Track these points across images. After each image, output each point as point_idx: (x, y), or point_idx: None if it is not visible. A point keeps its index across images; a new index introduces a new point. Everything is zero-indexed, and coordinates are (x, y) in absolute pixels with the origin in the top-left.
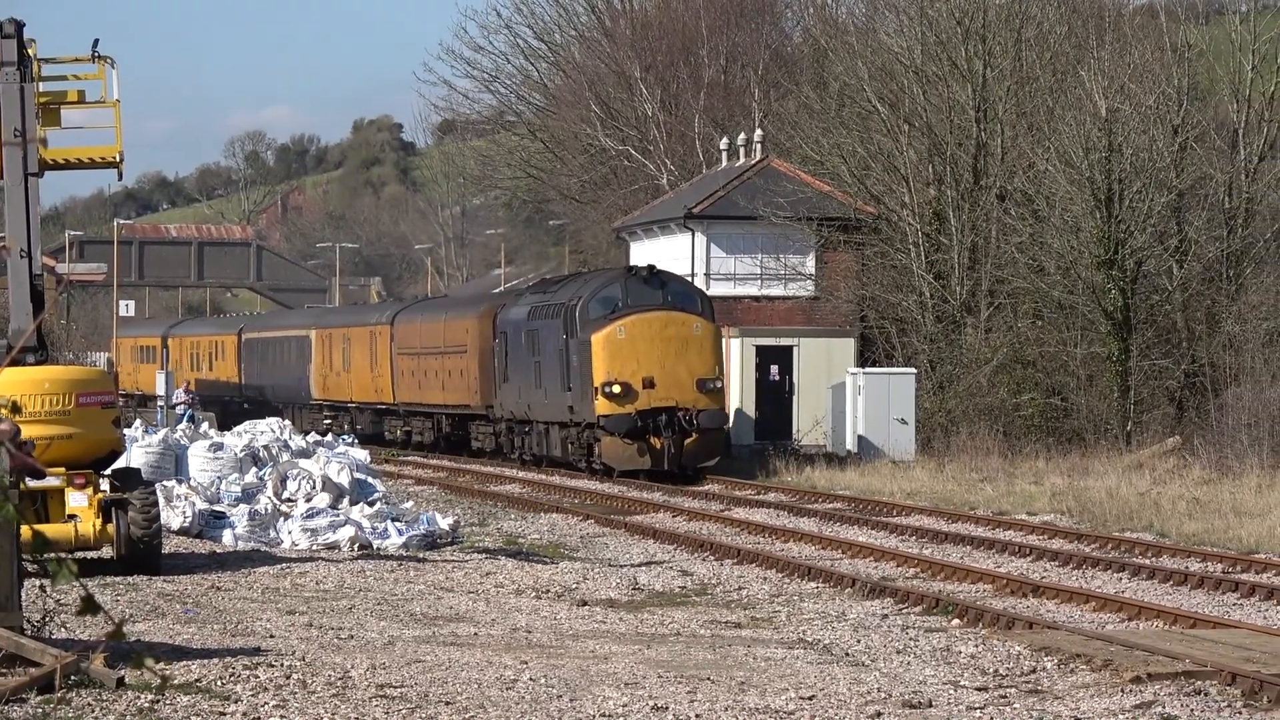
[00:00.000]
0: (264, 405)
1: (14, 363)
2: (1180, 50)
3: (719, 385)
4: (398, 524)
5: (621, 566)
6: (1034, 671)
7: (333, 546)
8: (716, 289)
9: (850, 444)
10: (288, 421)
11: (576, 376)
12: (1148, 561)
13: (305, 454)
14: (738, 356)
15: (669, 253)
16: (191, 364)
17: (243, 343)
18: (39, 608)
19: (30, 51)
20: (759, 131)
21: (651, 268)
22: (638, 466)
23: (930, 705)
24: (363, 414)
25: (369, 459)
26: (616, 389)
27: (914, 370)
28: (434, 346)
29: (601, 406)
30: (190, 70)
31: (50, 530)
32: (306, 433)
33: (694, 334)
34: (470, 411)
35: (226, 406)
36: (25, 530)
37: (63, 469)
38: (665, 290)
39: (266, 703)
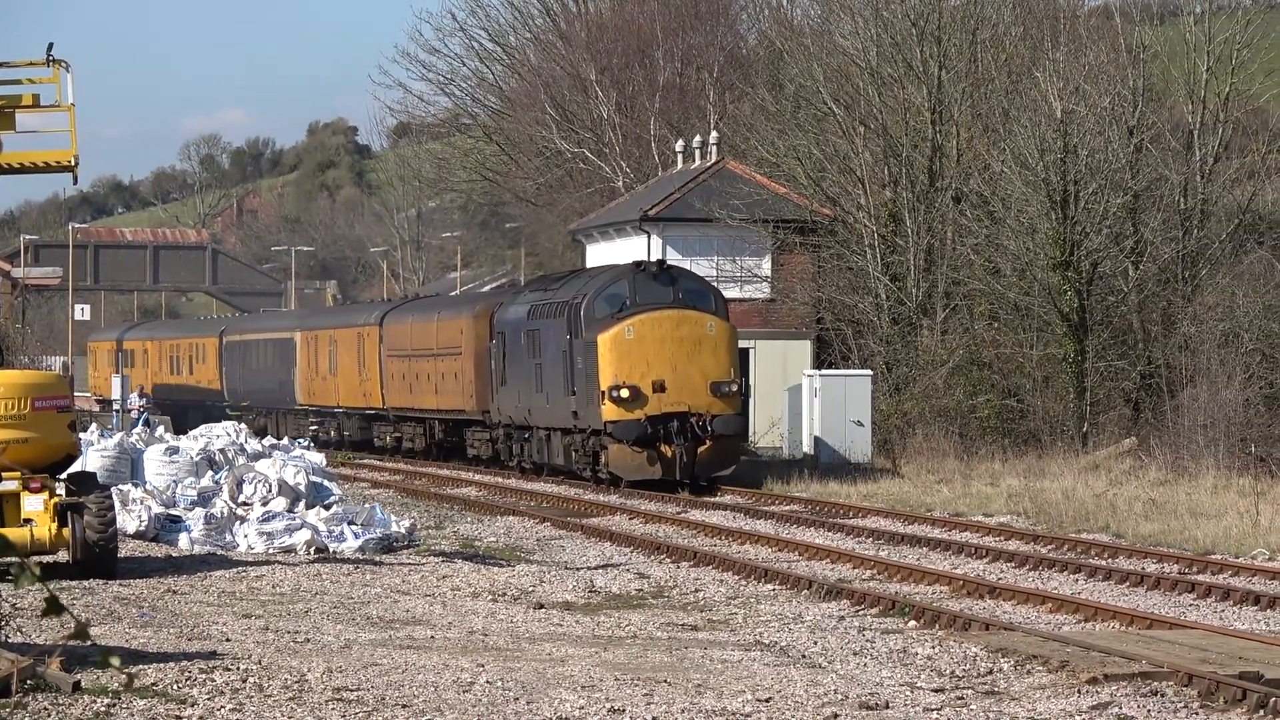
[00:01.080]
0: (247, 412)
1: None
2: (1135, 51)
3: (735, 389)
4: (354, 527)
5: (578, 569)
6: (990, 673)
7: (289, 550)
8: None
9: (807, 446)
10: (243, 425)
11: (581, 379)
12: (1104, 563)
13: (261, 457)
14: None
15: (625, 255)
16: (171, 368)
17: (224, 345)
18: None
19: None
20: (714, 134)
21: (662, 262)
22: (647, 476)
23: (887, 707)
24: (350, 419)
25: (325, 462)
26: (624, 393)
27: (870, 372)
28: (426, 348)
29: (608, 412)
30: (145, 74)
31: (6, 534)
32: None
33: (708, 334)
34: (465, 417)
35: (208, 413)
36: None
37: (18, 473)
38: (676, 287)
39: (223, 706)
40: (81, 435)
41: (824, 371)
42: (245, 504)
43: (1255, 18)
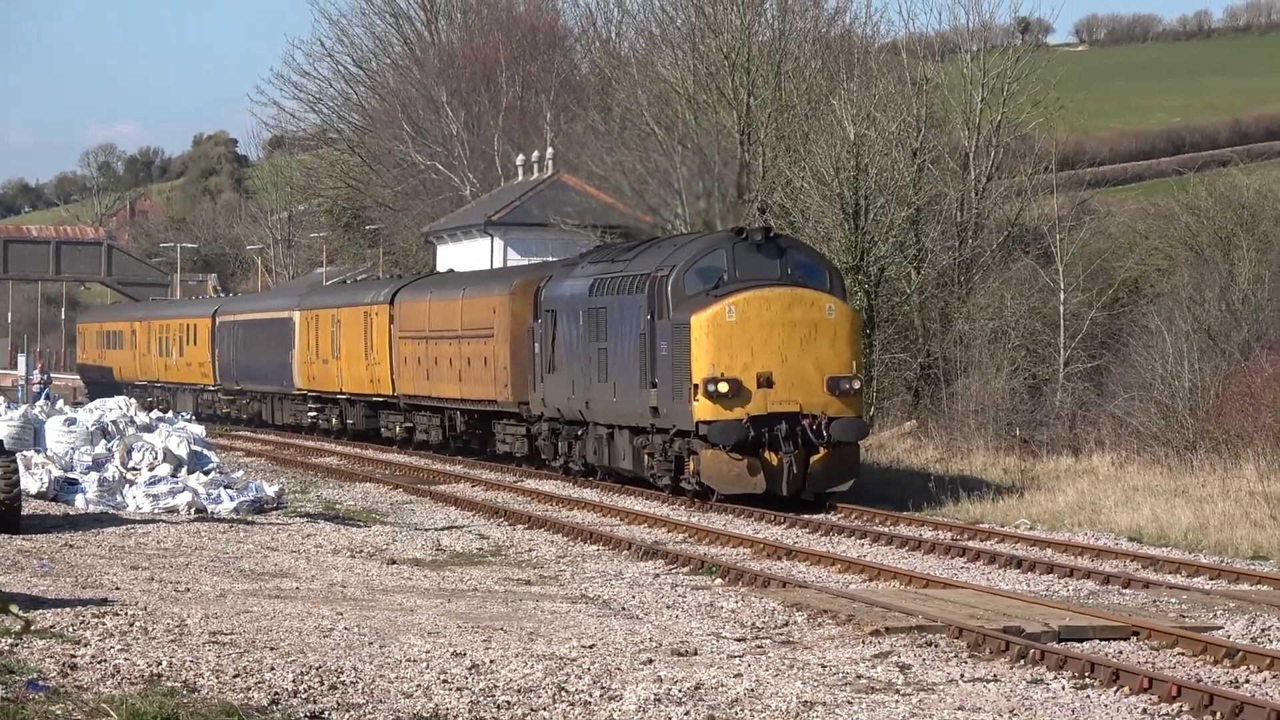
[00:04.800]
0: (240, 396)
1: None
2: (919, 83)
3: (857, 387)
4: (229, 491)
5: (426, 530)
6: (787, 625)
7: (172, 510)
8: None
9: None
10: (133, 400)
11: (666, 369)
12: (886, 529)
13: (149, 429)
14: None
15: (471, 255)
16: (160, 349)
17: (216, 326)
18: None
19: None
20: (550, 150)
21: (768, 229)
22: (748, 490)
23: (696, 654)
24: (354, 407)
25: (204, 434)
26: (723, 387)
27: None
28: (448, 330)
29: (703, 409)
30: (50, 88)
31: None
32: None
33: (825, 318)
34: (497, 408)
35: (198, 397)
36: None
37: None
38: (785, 260)
39: (112, 647)
40: None
41: None
42: (134, 469)
43: (1023, 55)
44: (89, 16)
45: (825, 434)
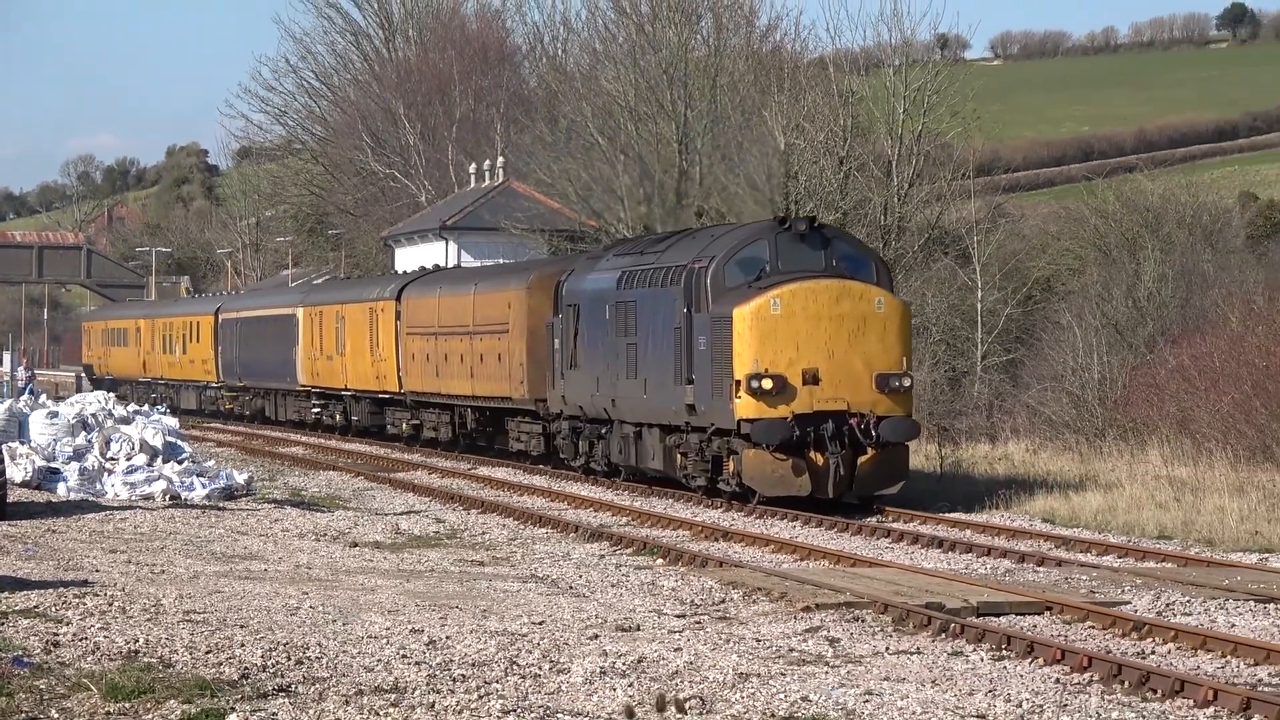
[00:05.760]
0: (243, 393)
1: None
2: (845, 96)
3: (908, 384)
4: (202, 479)
5: (386, 515)
6: (723, 601)
7: (148, 497)
8: None
9: None
10: (112, 394)
11: (704, 364)
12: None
13: (126, 421)
14: None
15: (428, 258)
16: (164, 346)
17: (219, 323)
18: None
19: None
20: (501, 158)
21: (812, 219)
22: (791, 491)
23: (639, 629)
24: (359, 403)
25: (179, 425)
26: (767, 384)
27: None
28: (458, 325)
29: (745, 407)
30: (34, 102)
31: None
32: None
33: (875, 312)
34: (512, 405)
35: (201, 394)
36: None
37: None
38: (830, 251)
39: (93, 625)
40: None
41: None
42: (112, 459)
43: (942, 70)
44: (74, 35)
45: (874, 434)
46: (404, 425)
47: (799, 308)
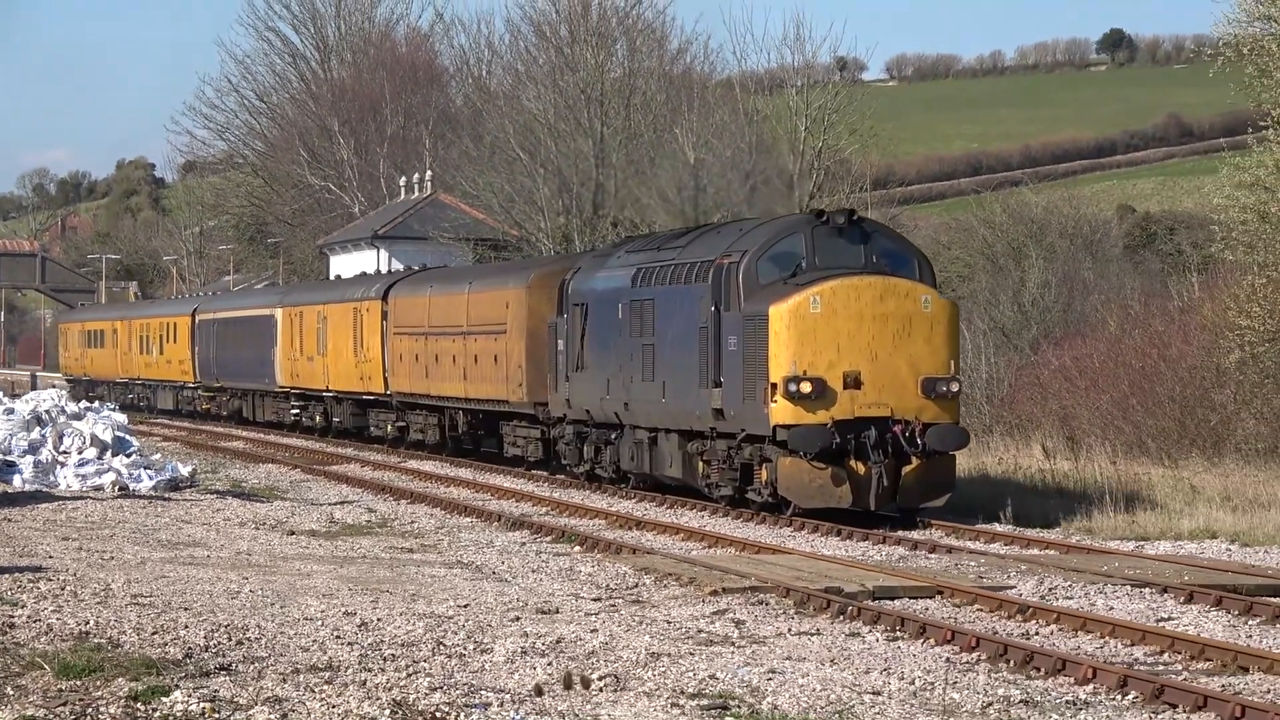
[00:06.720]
0: (220, 393)
1: None
2: (751, 114)
3: (955, 389)
4: (149, 471)
5: (321, 505)
6: (637, 586)
7: (98, 488)
8: None
9: None
10: (64, 390)
11: (735, 366)
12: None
13: (78, 417)
14: None
15: (361, 265)
16: (141, 347)
17: (196, 324)
18: None
19: None
20: (429, 172)
21: (851, 212)
22: (831, 503)
23: (557, 612)
24: (341, 405)
25: (127, 421)
26: (806, 387)
27: None
28: (451, 325)
29: (781, 412)
30: None
31: None
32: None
33: (921, 311)
34: (508, 408)
35: (178, 394)
36: None
37: None
38: (870, 246)
39: (46, 608)
40: None
41: None
42: (65, 453)
43: (841, 90)
44: (28, 53)
45: (919, 442)
46: (389, 427)
47: (840, 306)
